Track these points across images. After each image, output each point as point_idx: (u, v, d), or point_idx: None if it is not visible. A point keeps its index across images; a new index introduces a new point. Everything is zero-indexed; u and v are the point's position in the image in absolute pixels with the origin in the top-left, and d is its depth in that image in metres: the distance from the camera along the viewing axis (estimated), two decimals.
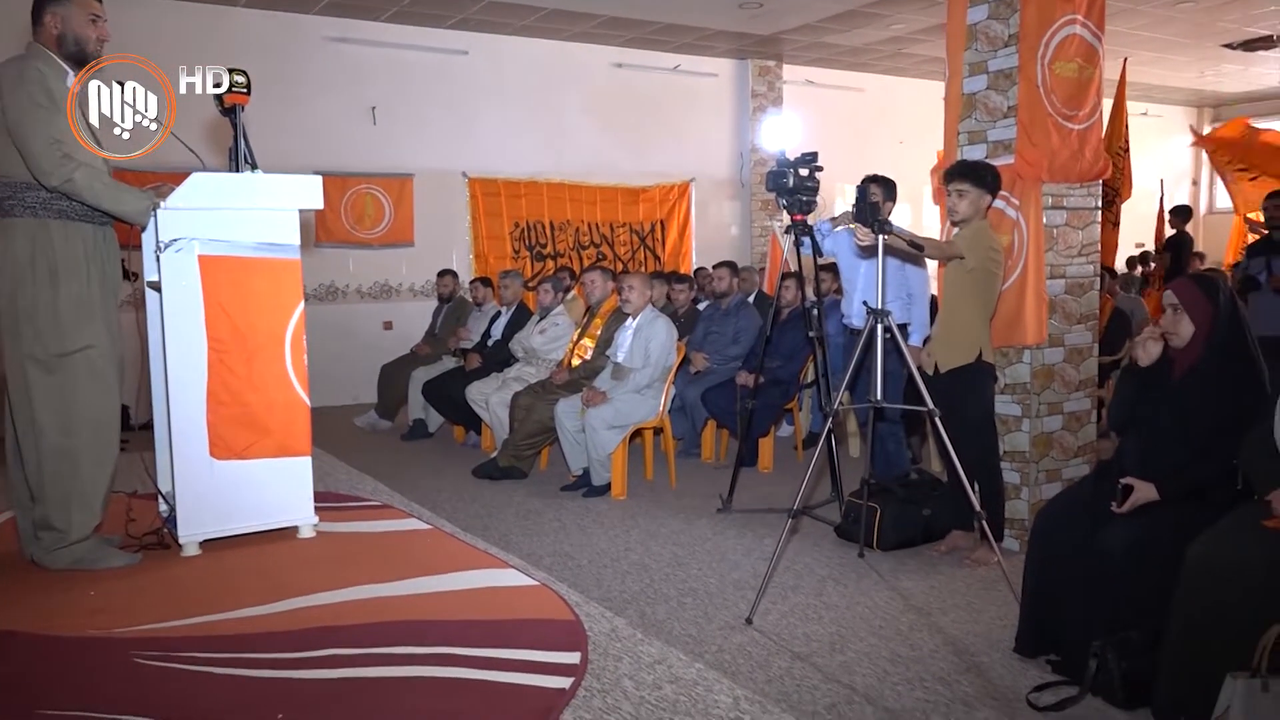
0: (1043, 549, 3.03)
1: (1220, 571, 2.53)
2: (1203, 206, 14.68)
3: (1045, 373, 4.18)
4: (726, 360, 6.10)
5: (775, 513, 4.71)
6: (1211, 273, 6.87)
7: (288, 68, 8.29)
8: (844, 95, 11.27)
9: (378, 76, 8.77)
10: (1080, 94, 4.17)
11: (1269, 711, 2.32)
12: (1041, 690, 2.81)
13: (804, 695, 2.82)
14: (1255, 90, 13.63)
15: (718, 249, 10.32)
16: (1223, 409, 2.87)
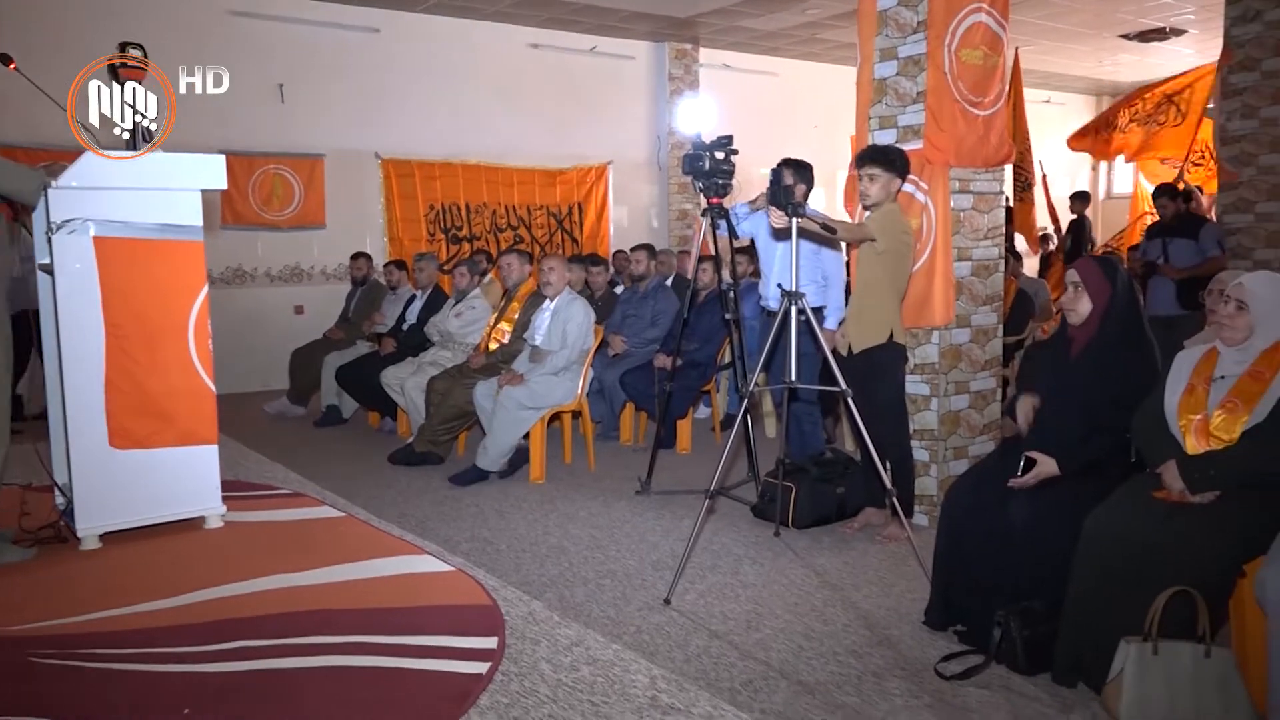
0: (950, 524, 3.12)
1: (1114, 541, 2.64)
2: (1101, 191, 15.23)
3: (953, 353, 4.29)
4: (645, 343, 6.12)
5: (693, 494, 4.75)
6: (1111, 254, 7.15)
7: (189, 42, 7.98)
8: (760, 80, 11.36)
9: (285, 53, 8.51)
10: (986, 81, 4.28)
11: (1158, 672, 2.44)
12: (949, 660, 2.90)
13: (721, 672, 2.86)
14: (1150, 80, 14.15)
15: (636, 232, 10.33)
16: (1117, 385, 2.99)
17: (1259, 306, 2.74)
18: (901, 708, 2.64)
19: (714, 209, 4.45)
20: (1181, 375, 2.87)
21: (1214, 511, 2.60)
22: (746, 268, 6.10)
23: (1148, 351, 3.10)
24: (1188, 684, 2.42)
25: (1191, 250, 6.28)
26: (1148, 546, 2.58)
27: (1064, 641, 2.73)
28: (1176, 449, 2.75)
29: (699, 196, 4.36)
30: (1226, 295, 2.83)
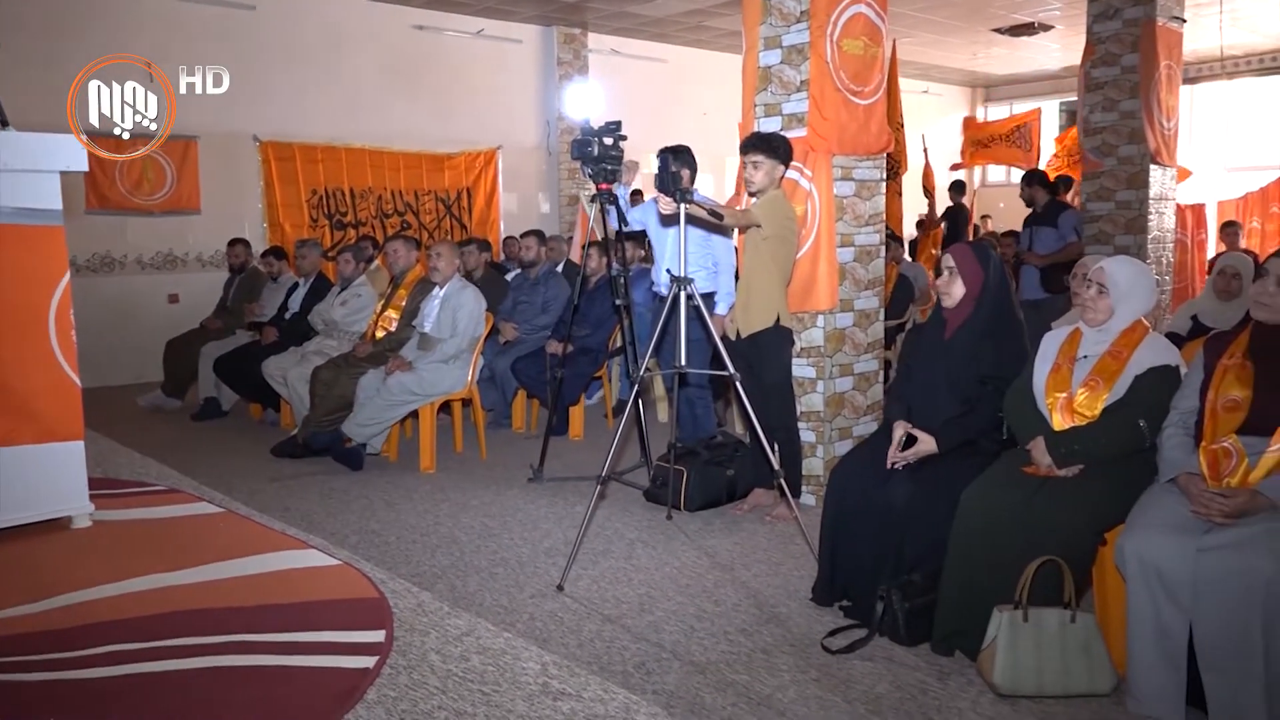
0: (836, 503, 3.21)
1: (987, 515, 2.76)
2: (977, 180, 15.83)
3: (837, 336, 4.40)
4: (536, 330, 6.08)
5: (586, 480, 4.75)
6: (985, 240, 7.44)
7: (50, 17, 7.52)
8: (649, 66, 11.39)
9: (154, 29, 8.09)
10: (866, 71, 4.38)
11: (1028, 638, 2.57)
12: (835, 634, 2.99)
13: (614, 656, 2.88)
14: (1021, 73, 14.78)
15: (526, 217, 10.24)
16: (989, 366, 3.12)
17: (1118, 289, 2.90)
18: (789, 683, 2.71)
19: (603, 195, 4.44)
20: (1048, 355, 3.01)
21: (1078, 484, 2.75)
22: (634, 253, 6.12)
23: (1018, 333, 3.24)
24: (1055, 648, 2.56)
25: (1053, 237, 6.61)
26: (1018, 519, 2.70)
27: (941, 612, 2.84)
28: (1044, 426, 2.89)
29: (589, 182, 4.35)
30: (1088, 279, 2.98)
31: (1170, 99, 7.05)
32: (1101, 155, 7.15)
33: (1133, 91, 6.94)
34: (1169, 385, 2.78)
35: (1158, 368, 2.80)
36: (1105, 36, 7.09)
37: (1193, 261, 8.28)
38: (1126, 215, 7.04)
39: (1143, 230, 6.97)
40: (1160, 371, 2.80)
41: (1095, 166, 7.19)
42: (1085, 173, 7.35)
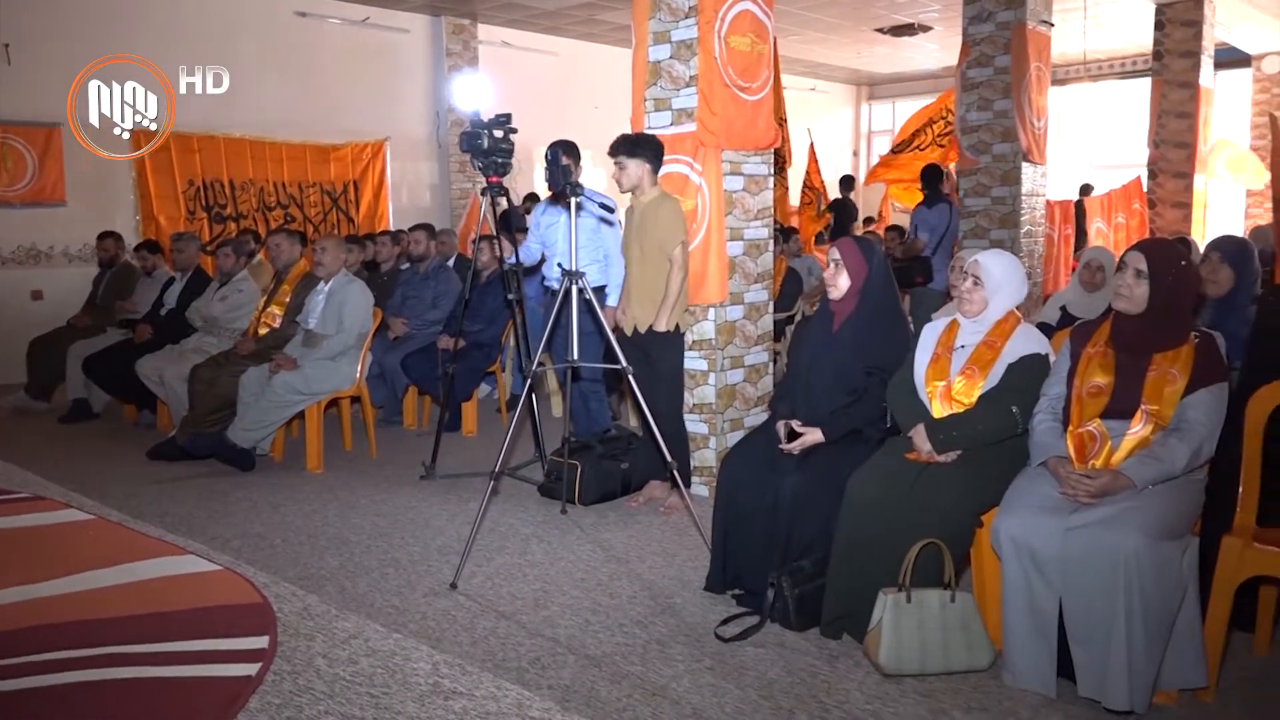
0: (727, 493, 3.25)
1: (872, 501, 2.85)
2: (861, 176, 16.28)
3: (728, 329, 4.46)
4: (426, 325, 5.98)
5: (479, 476, 4.70)
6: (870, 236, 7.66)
7: None
8: (540, 59, 11.30)
9: (11, 8, 7.62)
10: (754, 67, 4.45)
11: (912, 618, 2.65)
12: (727, 622, 3.03)
13: (508, 653, 2.85)
14: (903, 72, 15.25)
15: (416, 211, 10.05)
16: (874, 356, 3.21)
17: (991, 281, 3.01)
18: (684, 672, 2.73)
19: (493, 188, 4.39)
20: (928, 346, 3.11)
21: (956, 469, 2.85)
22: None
23: (900, 325, 3.35)
24: (936, 627, 2.65)
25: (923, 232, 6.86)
26: (901, 505, 2.79)
27: (830, 597, 2.92)
28: (925, 414, 2.99)
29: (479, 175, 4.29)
30: (964, 272, 3.09)
31: (1040, 99, 7.37)
32: (977, 153, 7.43)
33: (1005, 92, 7.23)
34: (1039, 373, 2.91)
35: (1029, 356, 2.93)
36: (979, 38, 7.37)
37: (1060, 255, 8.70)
38: (1001, 210, 7.35)
39: (1015, 225, 7.28)
40: (1031, 360, 2.93)
41: (971, 163, 7.47)
42: (962, 169, 7.63)
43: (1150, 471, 2.51)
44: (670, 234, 4.05)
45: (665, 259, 4.09)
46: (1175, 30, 10.18)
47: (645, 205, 4.09)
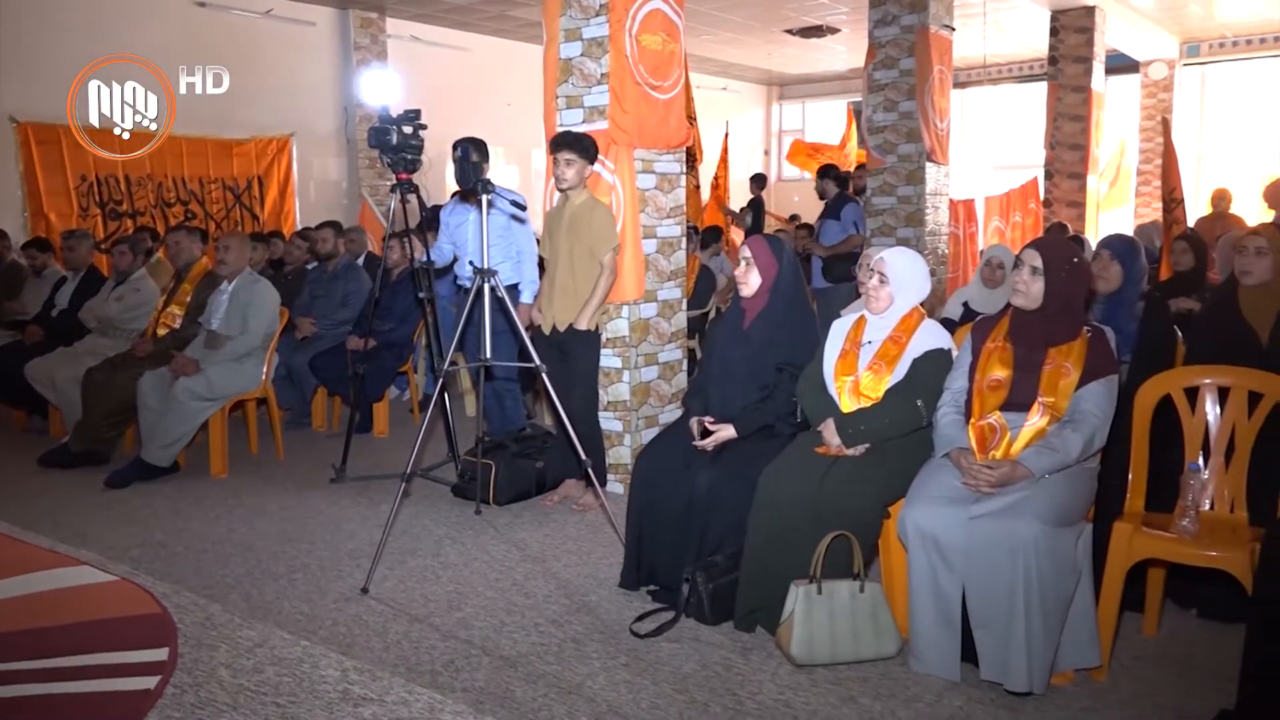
0: (641, 490, 3.27)
1: (784, 495, 2.89)
2: (773, 175, 16.50)
3: (642, 326, 4.47)
4: (336, 324, 5.84)
5: (391, 478, 4.62)
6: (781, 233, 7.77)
7: None
8: (451, 54, 11.16)
9: None
10: (665, 66, 4.47)
11: (822, 609, 2.70)
12: (643, 619, 3.04)
13: (421, 656, 2.81)
14: (813, 73, 15.52)
15: (324, 208, 9.82)
16: (784, 352, 3.26)
17: (897, 279, 3.09)
18: (599, 669, 2.73)
19: (403, 184, 4.33)
20: (836, 342, 3.17)
21: (864, 462, 2.91)
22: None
23: (810, 321, 3.41)
24: (846, 617, 2.71)
25: (837, 229, 7.00)
26: (811, 498, 2.84)
27: (743, 591, 2.95)
28: (834, 408, 3.04)
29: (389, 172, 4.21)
30: (871, 269, 3.16)
31: (942, 101, 7.58)
32: (884, 153, 7.60)
33: (910, 93, 7.41)
34: (942, 367, 2.99)
35: (932, 351, 3.01)
36: (885, 41, 7.54)
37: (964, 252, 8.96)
38: (906, 209, 7.53)
39: (921, 223, 7.48)
40: (935, 355, 3.01)
41: (878, 163, 7.64)
42: (869, 169, 7.80)
43: (1047, 461, 2.60)
44: (604, 240, 4.08)
45: (594, 262, 4.09)
46: (1069, 36, 10.59)
47: (577, 206, 4.09)
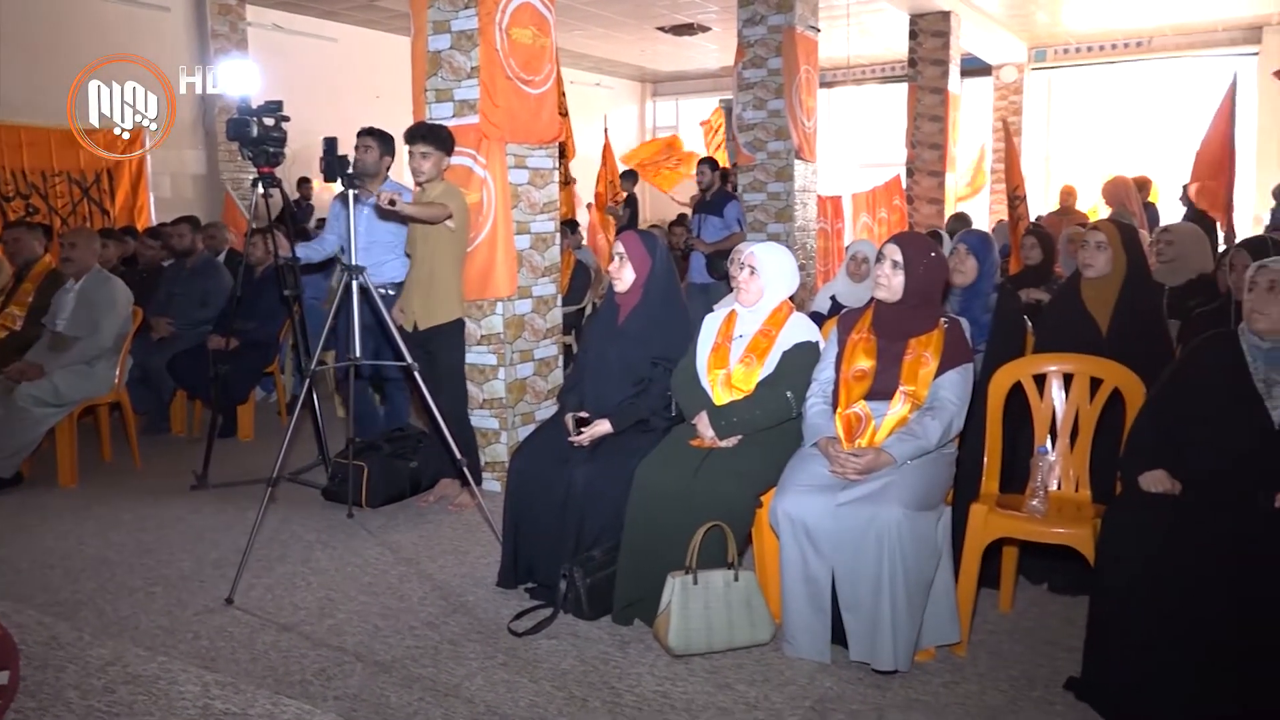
0: (517, 487, 3.24)
1: (659, 488, 2.92)
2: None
3: (516, 323, 4.44)
4: (195, 324, 5.59)
5: (258, 483, 4.43)
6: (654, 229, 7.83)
7: None
8: (317, 45, 10.82)
9: None
10: (536, 60, 4.44)
11: (698, 599, 2.74)
12: (521, 617, 3.02)
13: (291, 666, 2.72)
14: (686, 70, 15.70)
15: (182, 202, 9.37)
16: (659, 347, 3.28)
17: (766, 272, 3.15)
18: (477, 670, 2.70)
19: (265, 178, 4.17)
20: (709, 335, 3.22)
21: (737, 453, 2.97)
22: None
23: (683, 316, 3.44)
24: (721, 606, 2.76)
25: (719, 226, 7.10)
26: (686, 490, 2.87)
27: (620, 584, 2.97)
28: (707, 401, 3.09)
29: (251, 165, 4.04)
30: (741, 263, 3.22)
31: (809, 100, 7.78)
32: (754, 150, 7.76)
33: (779, 92, 7.58)
34: (811, 359, 3.07)
35: (801, 344, 3.09)
36: (754, 40, 7.68)
37: (832, 247, 9.24)
38: (776, 205, 7.71)
39: (790, 219, 7.66)
40: (803, 347, 3.08)
41: (749, 160, 7.79)
42: (740, 166, 7.94)
43: (908, 448, 2.70)
44: (456, 209, 3.99)
45: (450, 256, 4.02)
46: (927, 40, 11.03)
47: (433, 198, 4.01)
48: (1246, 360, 2.49)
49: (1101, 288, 3.28)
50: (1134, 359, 2.94)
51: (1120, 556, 2.41)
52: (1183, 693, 2.27)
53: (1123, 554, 2.41)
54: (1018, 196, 7.52)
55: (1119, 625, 2.40)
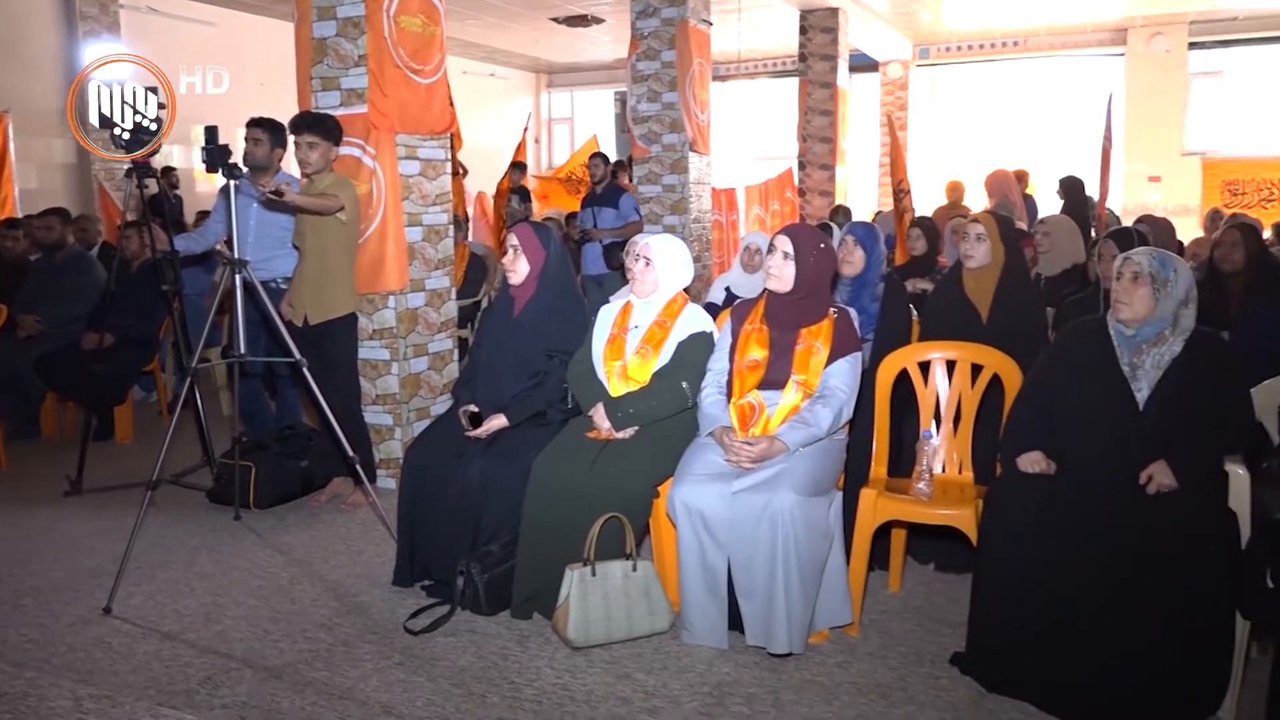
0: (412, 484, 3.19)
1: (556, 480, 2.91)
2: (544, 163, 16.53)
3: (409, 317, 4.36)
4: (65, 322, 5.30)
5: (137, 486, 4.24)
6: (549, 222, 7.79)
7: None
8: (194, 28, 10.35)
9: None
10: (426, 49, 4.35)
11: (597, 590, 2.75)
12: (417, 615, 2.97)
13: (175, 675, 2.62)
14: (580, 62, 15.64)
15: (49, 193, 8.86)
16: (554, 339, 3.27)
17: (661, 264, 3.17)
18: (372, 671, 2.65)
19: (139, 168, 3.99)
20: (605, 327, 3.22)
21: (634, 444, 2.98)
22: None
23: (579, 308, 3.44)
24: (620, 596, 2.77)
25: (614, 217, 7.12)
26: (583, 482, 2.87)
27: (519, 578, 2.95)
28: (603, 393, 3.09)
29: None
30: (637, 254, 3.23)
31: (703, 93, 7.84)
32: (649, 142, 7.78)
33: (672, 85, 7.62)
34: (705, 350, 3.10)
35: (695, 334, 3.12)
36: (647, 33, 7.70)
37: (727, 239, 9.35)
38: (671, 198, 7.75)
39: (685, 211, 7.72)
40: (698, 338, 3.12)
41: (643, 153, 7.81)
42: (635, 158, 7.95)
43: (800, 435, 2.76)
44: (348, 200, 3.91)
45: (342, 249, 3.93)
46: (816, 35, 11.25)
47: (322, 190, 3.90)
48: (1114, 346, 2.62)
49: (981, 277, 3.40)
50: (1013, 345, 3.07)
51: (1000, 535, 2.52)
52: (1058, 663, 2.39)
53: (1002, 533, 2.52)
54: (902, 189, 7.74)
55: (999, 601, 2.50)
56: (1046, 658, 2.40)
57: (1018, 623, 2.45)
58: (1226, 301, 3.83)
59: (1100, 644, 2.34)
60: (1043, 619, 2.40)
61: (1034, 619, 2.42)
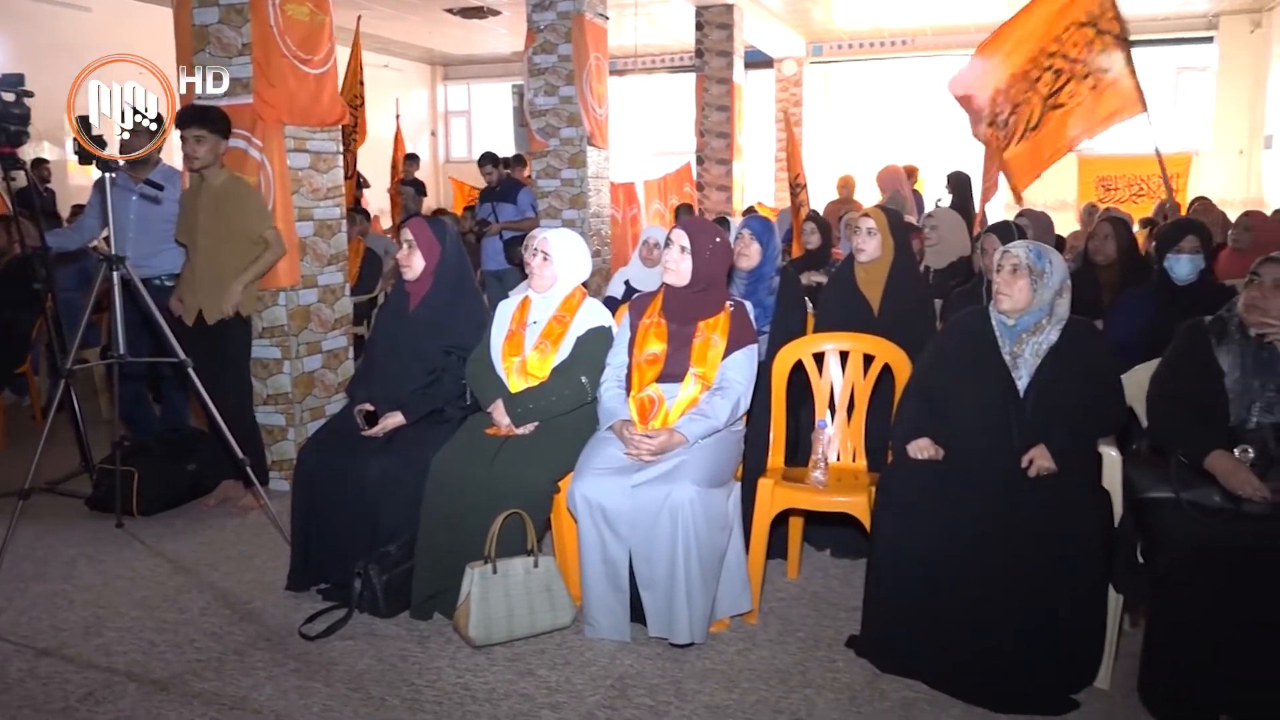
0: (306, 485, 3.10)
1: (455, 478, 2.88)
2: (441, 156, 16.28)
3: (302, 314, 4.24)
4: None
5: (9, 495, 4.02)
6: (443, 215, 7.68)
7: None
8: (67, 14, 9.85)
9: None
10: (314, 38, 4.23)
11: (498, 588, 2.73)
12: (313, 620, 2.90)
13: (52, 692, 2.50)
14: (477, 54, 15.46)
15: None
16: (451, 335, 3.23)
17: (560, 258, 3.16)
18: (265, 679, 2.58)
19: (6, 160, 3.77)
20: (503, 323, 3.20)
21: (534, 440, 2.97)
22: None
23: (476, 303, 3.40)
24: (522, 593, 2.76)
25: (513, 212, 7.08)
26: (483, 479, 2.85)
27: (418, 578, 2.91)
28: (503, 389, 3.07)
29: None
30: (535, 249, 3.21)
31: (600, 87, 7.84)
32: (546, 136, 7.74)
33: (570, 79, 7.59)
34: (604, 344, 3.10)
35: (594, 329, 3.12)
36: (543, 26, 7.65)
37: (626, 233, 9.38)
38: (570, 192, 7.73)
39: (584, 205, 7.71)
40: (596, 332, 3.11)
41: (541, 146, 7.77)
42: (533, 152, 7.91)
43: (699, 427, 2.79)
44: (259, 218, 3.86)
45: (245, 244, 3.83)
46: (712, 31, 11.36)
47: (217, 187, 3.77)
48: (996, 336, 2.72)
49: (873, 270, 3.50)
50: (902, 336, 3.17)
51: (890, 520, 2.60)
52: (945, 642, 2.48)
53: (893, 518, 2.59)
54: (798, 184, 7.89)
55: (890, 584, 2.58)
56: (934, 637, 2.49)
57: (908, 604, 2.53)
58: (1100, 292, 4.02)
59: (983, 621, 2.43)
60: (931, 600, 2.49)
61: (923, 600, 2.50)
